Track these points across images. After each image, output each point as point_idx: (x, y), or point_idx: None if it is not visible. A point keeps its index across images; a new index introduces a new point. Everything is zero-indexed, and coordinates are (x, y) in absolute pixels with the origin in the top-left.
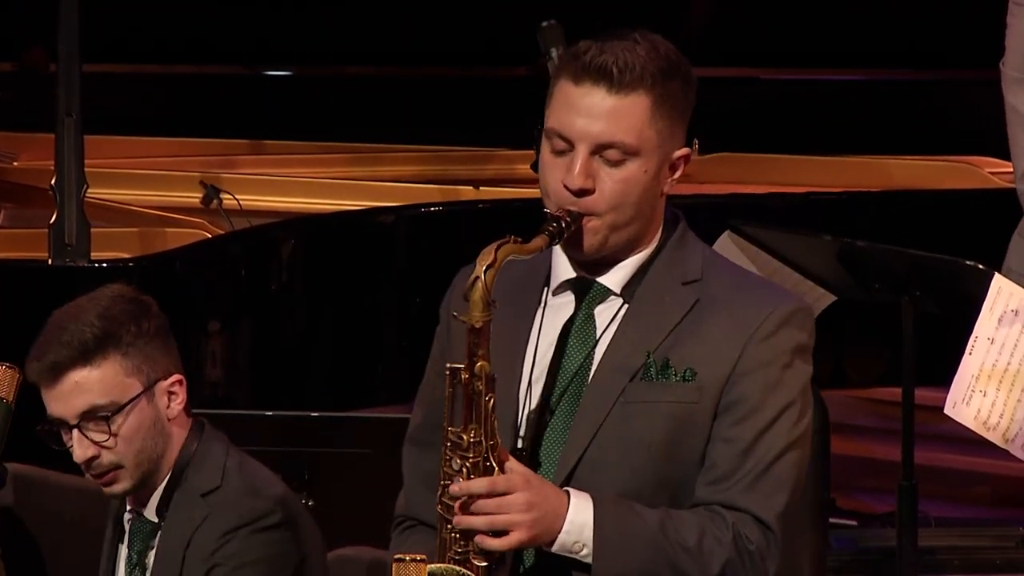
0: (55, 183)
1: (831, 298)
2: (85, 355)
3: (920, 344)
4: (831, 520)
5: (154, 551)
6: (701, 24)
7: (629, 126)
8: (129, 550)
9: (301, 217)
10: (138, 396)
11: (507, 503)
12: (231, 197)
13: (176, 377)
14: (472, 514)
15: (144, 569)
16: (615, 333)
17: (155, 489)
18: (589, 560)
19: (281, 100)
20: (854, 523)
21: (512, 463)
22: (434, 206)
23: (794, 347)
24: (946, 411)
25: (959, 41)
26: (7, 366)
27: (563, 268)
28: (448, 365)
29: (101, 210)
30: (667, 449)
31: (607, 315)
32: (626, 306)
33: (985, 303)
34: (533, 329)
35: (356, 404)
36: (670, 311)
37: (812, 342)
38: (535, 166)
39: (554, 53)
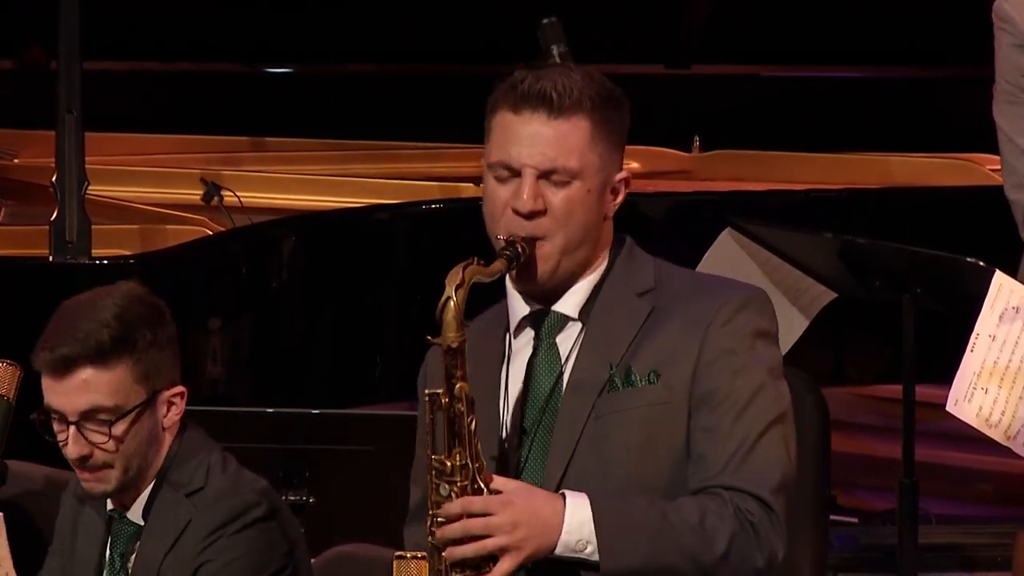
0: (56, 180)
1: (831, 295)
2: (100, 355)
3: (921, 341)
4: (832, 517)
5: (135, 554)
6: (701, 22)
7: (571, 149)
8: (111, 552)
9: (302, 214)
10: (141, 404)
11: (491, 526)
12: (232, 194)
13: (179, 389)
14: (460, 541)
15: (127, 571)
16: (578, 354)
17: (140, 491)
18: (596, 557)
19: (282, 97)
20: (855, 520)
21: (498, 482)
22: (435, 203)
23: (753, 331)
24: (948, 408)
25: (959, 39)
26: (7, 363)
27: (519, 307)
28: (427, 392)
29: (102, 207)
30: (645, 454)
31: (568, 341)
32: (584, 328)
33: (986, 300)
34: (502, 375)
35: (356, 401)
36: (627, 323)
37: (774, 327)
38: None
39: (555, 50)
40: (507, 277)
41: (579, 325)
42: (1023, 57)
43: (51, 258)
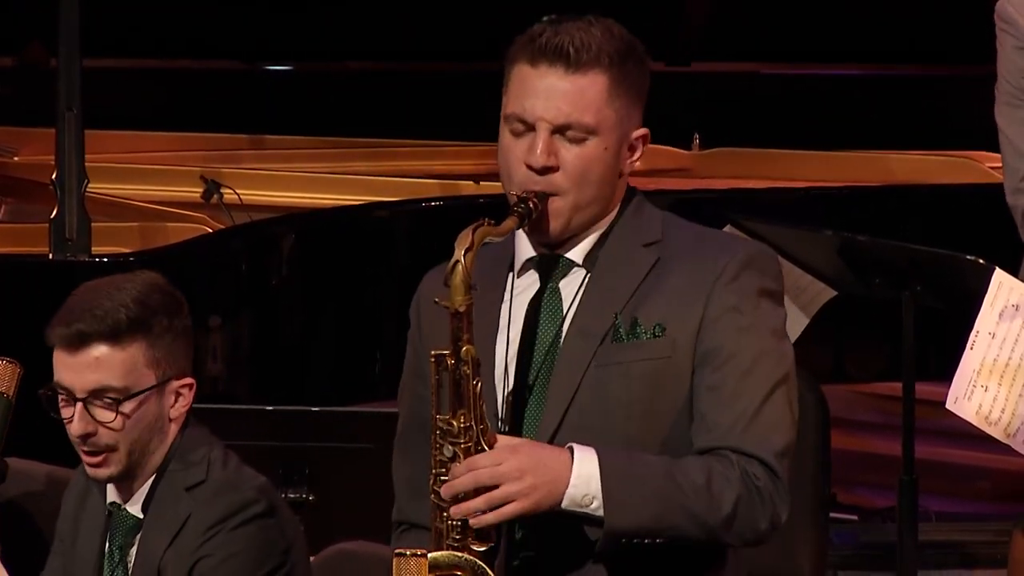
0: (56, 178)
1: (831, 293)
2: (115, 334)
3: (920, 339)
4: (832, 515)
5: (135, 547)
6: (701, 20)
7: (587, 105)
8: (110, 545)
9: (301, 212)
10: (150, 388)
11: (498, 474)
12: (232, 192)
13: (188, 380)
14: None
15: (126, 566)
16: (581, 300)
17: (140, 483)
18: (600, 513)
19: (281, 95)
20: (855, 518)
21: (503, 441)
22: (434, 201)
23: (759, 289)
24: (948, 406)
25: (960, 36)
26: (8, 361)
27: (525, 249)
28: (433, 352)
29: (102, 205)
30: (646, 407)
31: (572, 286)
32: (588, 274)
33: (986, 298)
34: (503, 315)
35: (356, 399)
36: (632, 272)
37: (779, 285)
38: None
39: None
40: None
41: (583, 272)
42: None
43: (51, 256)
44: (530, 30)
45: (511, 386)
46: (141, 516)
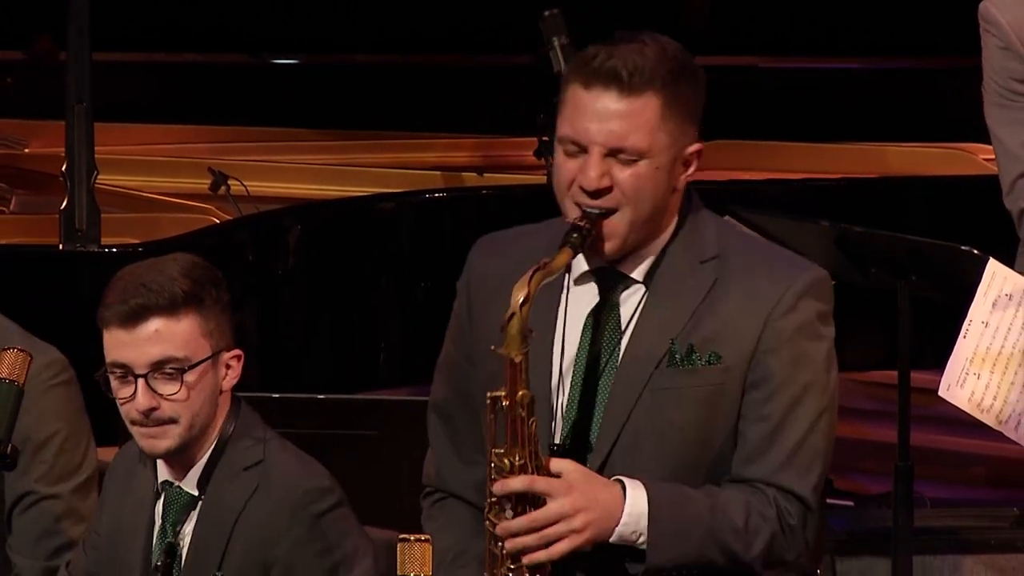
0: (66, 170)
1: None
2: (172, 305)
3: (916, 328)
4: (828, 501)
5: (191, 524)
6: (699, 13)
7: (640, 128)
8: (163, 522)
9: (307, 203)
10: (208, 359)
11: (552, 514)
12: (239, 183)
13: (237, 352)
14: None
15: (176, 542)
16: (638, 321)
17: (195, 460)
18: (644, 547)
19: (288, 88)
20: (851, 504)
21: (557, 464)
22: (438, 192)
23: (815, 317)
24: (940, 393)
25: (954, 29)
26: (18, 349)
27: (583, 259)
28: (488, 394)
29: (111, 196)
30: (698, 432)
31: (631, 303)
32: (647, 292)
33: (979, 287)
34: (559, 319)
35: (361, 387)
36: (690, 293)
37: (831, 306)
38: (538, 153)
39: (556, 42)
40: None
41: (643, 289)
42: (1011, 60)
43: (61, 247)
44: (584, 52)
45: (566, 398)
46: (196, 494)
